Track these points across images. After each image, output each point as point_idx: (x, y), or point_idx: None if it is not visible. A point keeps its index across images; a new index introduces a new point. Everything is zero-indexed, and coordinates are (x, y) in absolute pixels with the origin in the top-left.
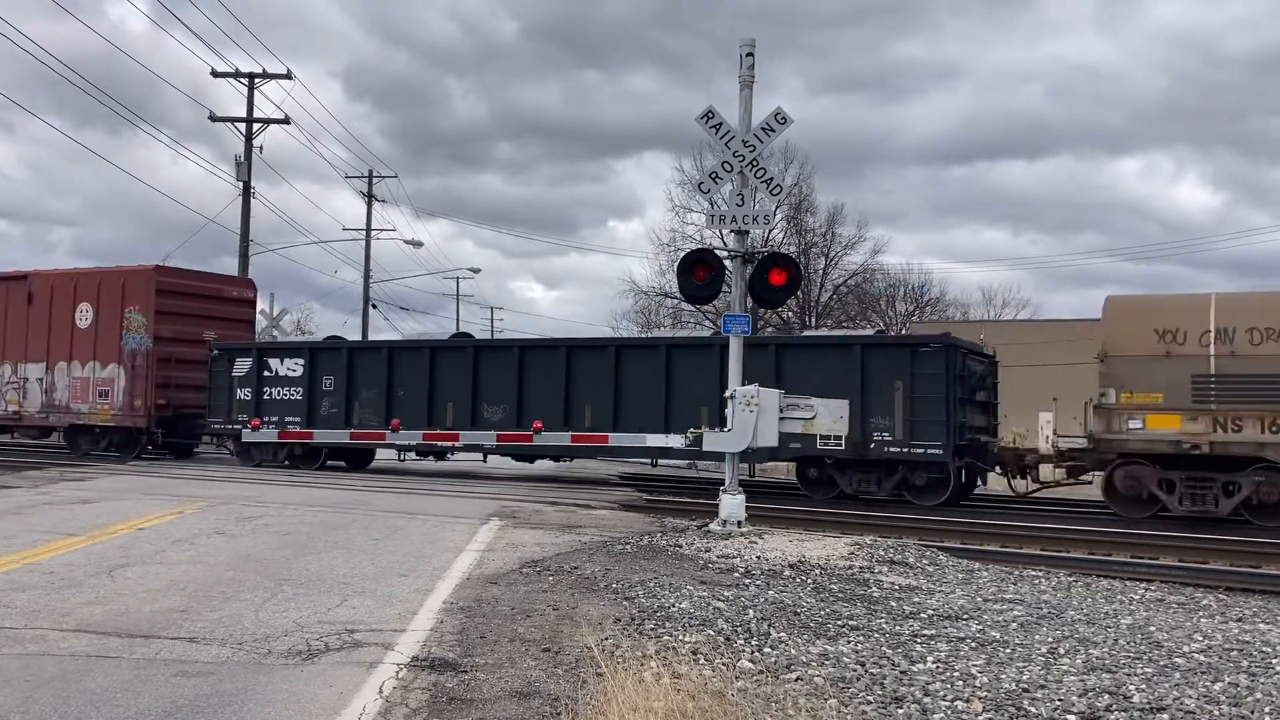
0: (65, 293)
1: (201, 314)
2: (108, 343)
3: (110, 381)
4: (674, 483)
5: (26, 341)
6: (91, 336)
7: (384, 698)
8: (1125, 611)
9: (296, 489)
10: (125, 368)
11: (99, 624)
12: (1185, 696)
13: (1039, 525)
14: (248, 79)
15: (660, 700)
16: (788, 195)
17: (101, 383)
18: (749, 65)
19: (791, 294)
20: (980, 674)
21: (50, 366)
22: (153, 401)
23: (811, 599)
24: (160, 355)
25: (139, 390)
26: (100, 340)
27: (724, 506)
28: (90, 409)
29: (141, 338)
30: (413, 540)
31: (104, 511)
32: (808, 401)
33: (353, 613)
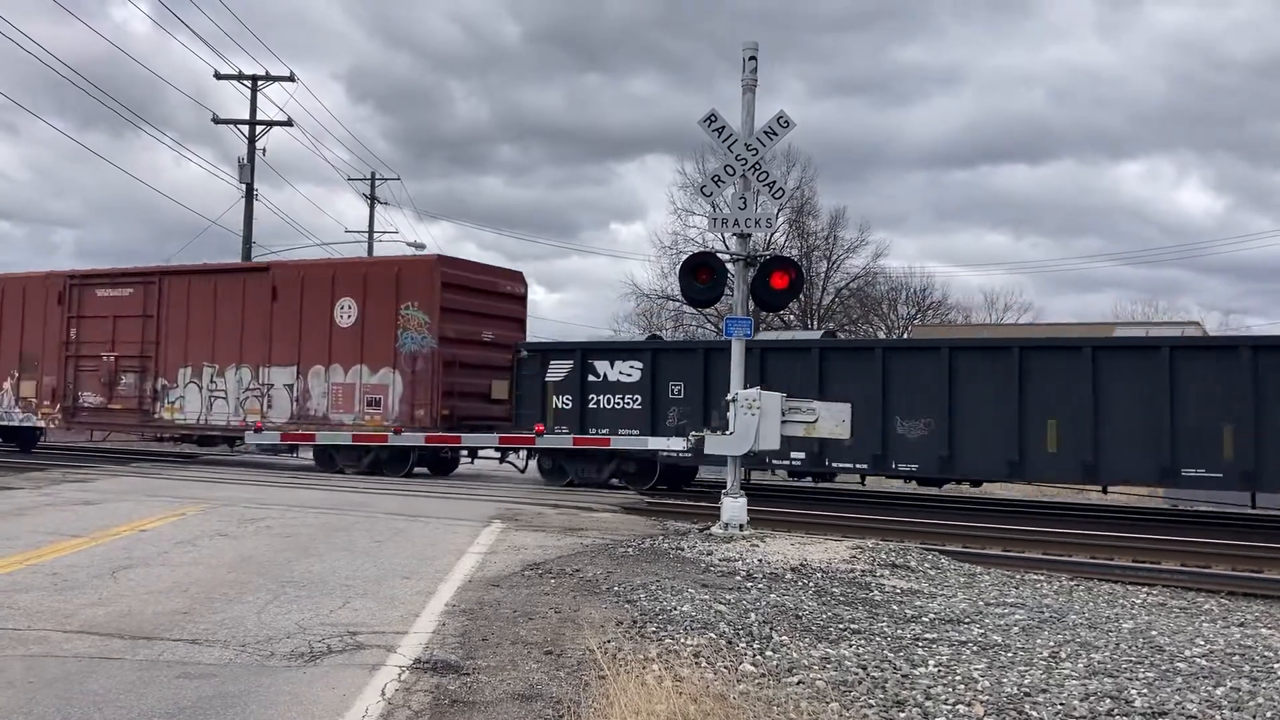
0: (320, 286)
1: (480, 311)
2: (379, 344)
3: (382, 388)
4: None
5: (270, 343)
6: (356, 336)
7: (386, 700)
8: (1127, 616)
9: (298, 490)
10: (402, 372)
11: (102, 625)
12: (1187, 701)
13: (1041, 529)
14: (250, 81)
15: (662, 703)
16: (790, 198)
17: (371, 390)
18: (751, 69)
19: (794, 297)
20: (982, 678)
21: (302, 371)
22: (438, 411)
23: (813, 602)
24: (445, 358)
25: (421, 398)
26: (368, 341)
27: (726, 510)
28: (356, 420)
29: (423, 338)
30: (415, 542)
31: (106, 513)
32: (810, 405)
33: (355, 615)
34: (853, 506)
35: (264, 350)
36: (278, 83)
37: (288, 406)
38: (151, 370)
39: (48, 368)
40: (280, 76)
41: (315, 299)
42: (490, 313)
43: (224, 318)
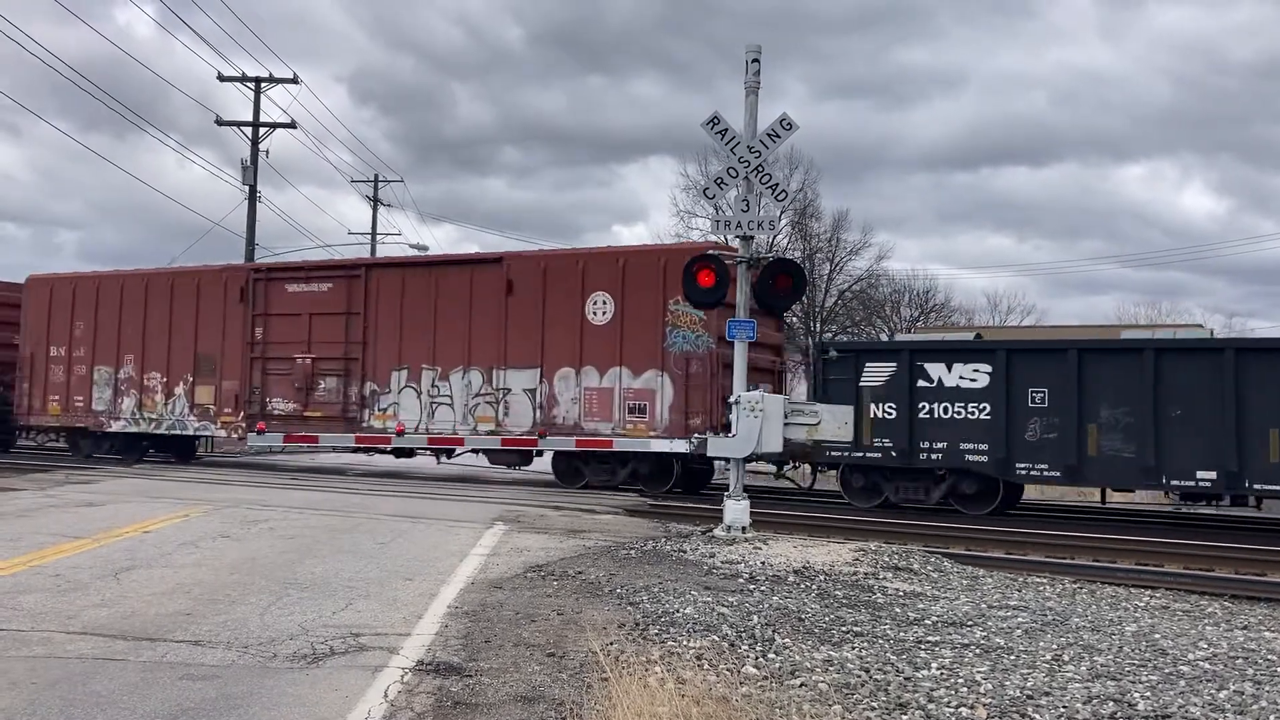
0: (566, 279)
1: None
2: (642, 344)
3: (648, 393)
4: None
5: (505, 342)
6: (613, 335)
7: (389, 702)
8: (1130, 619)
9: (300, 492)
10: (673, 375)
11: (105, 627)
12: (1190, 704)
13: (1043, 532)
14: (254, 83)
15: (665, 705)
16: (792, 201)
17: (634, 394)
18: (754, 71)
19: (797, 299)
20: (984, 681)
21: (546, 374)
22: (718, 419)
23: (816, 605)
24: (724, 359)
25: (696, 404)
26: (629, 340)
27: (728, 512)
28: (615, 428)
29: (697, 337)
30: (417, 544)
31: (110, 514)
32: (813, 407)
33: (358, 616)
34: (856, 509)
35: (498, 351)
36: (281, 85)
37: (529, 413)
38: (357, 373)
39: (228, 371)
40: (284, 79)
41: (561, 293)
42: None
43: (448, 315)
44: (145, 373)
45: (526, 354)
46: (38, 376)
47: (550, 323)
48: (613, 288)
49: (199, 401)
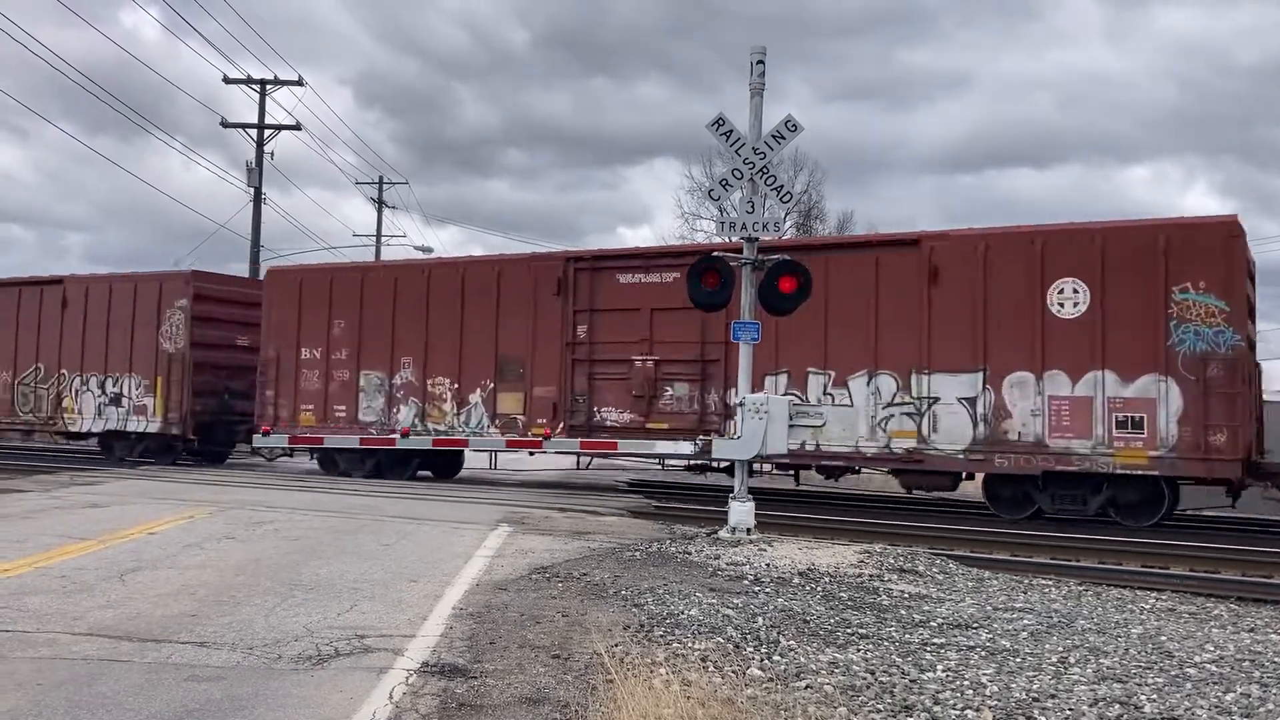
0: (1013, 262)
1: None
2: (1133, 342)
3: (1144, 403)
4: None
5: (928, 341)
6: (1089, 332)
7: (394, 703)
8: (1136, 621)
9: (305, 494)
10: (1181, 381)
11: (110, 628)
12: (1197, 707)
13: (1049, 534)
14: (259, 85)
15: (670, 707)
16: (797, 202)
17: (1124, 405)
18: (759, 73)
19: (802, 301)
20: (990, 683)
21: (991, 380)
22: (1247, 437)
23: (821, 607)
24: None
25: (1218, 417)
26: (1113, 338)
27: (733, 514)
28: (1095, 447)
29: (1218, 332)
30: (422, 546)
31: (114, 516)
32: (817, 409)
33: (363, 618)
34: (860, 511)
35: (917, 351)
36: (286, 87)
37: (966, 427)
38: (718, 378)
39: (541, 375)
40: (289, 81)
41: (1006, 280)
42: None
43: (840, 308)
44: (429, 378)
45: (959, 355)
46: (285, 383)
47: (994, 316)
48: (1085, 273)
49: (503, 411)
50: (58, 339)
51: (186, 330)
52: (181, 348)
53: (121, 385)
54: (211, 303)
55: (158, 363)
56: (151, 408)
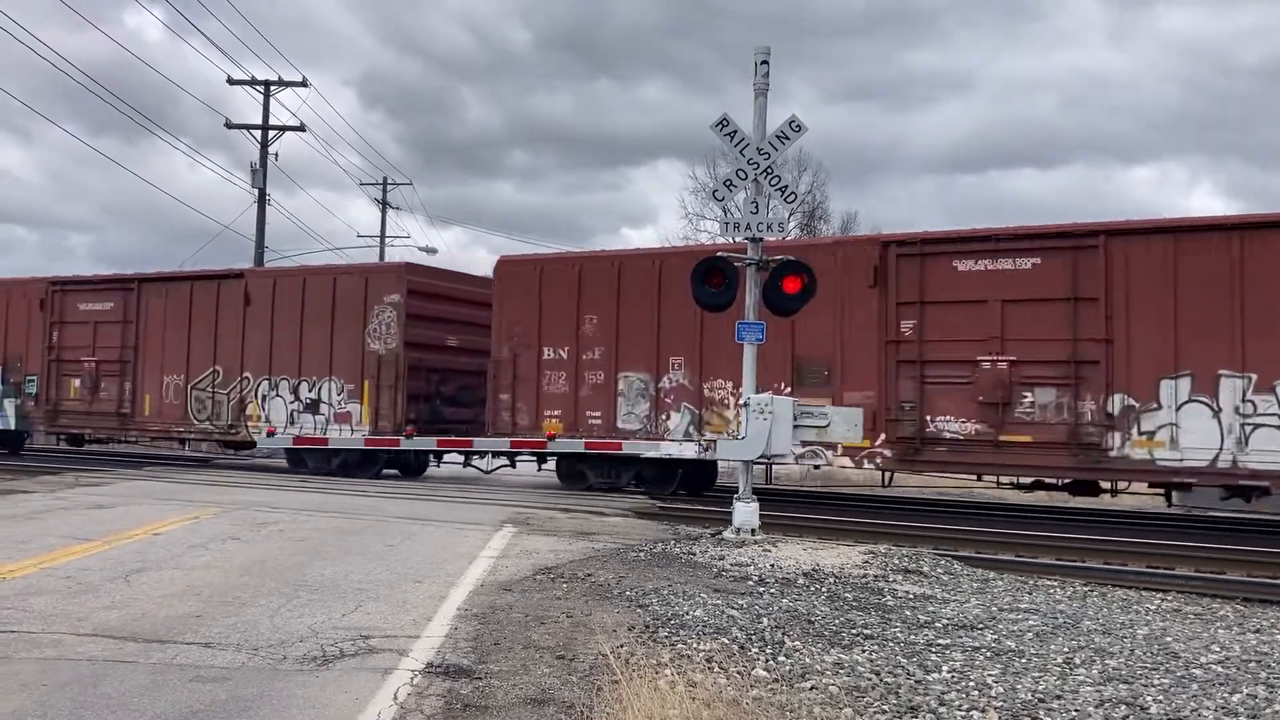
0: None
1: None
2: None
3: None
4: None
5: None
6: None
7: (399, 704)
8: (1141, 622)
9: (310, 495)
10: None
11: (115, 628)
12: (1203, 708)
13: (1054, 534)
14: (263, 86)
15: (675, 708)
16: (801, 203)
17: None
18: (763, 73)
19: (806, 301)
20: (996, 684)
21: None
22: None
23: (826, 607)
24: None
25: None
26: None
27: (737, 514)
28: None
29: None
30: (426, 546)
31: (119, 516)
32: (822, 410)
33: (367, 619)
34: (865, 511)
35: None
36: (290, 88)
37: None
38: (1096, 382)
39: (854, 378)
40: (293, 82)
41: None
42: None
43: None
44: (705, 380)
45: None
46: (525, 386)
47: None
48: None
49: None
50: (239, 339)
51: (399, 329)
52: (394, 348)
53: (320, 390)
54: (424, 298)
55: (364, 365)
56: (357, 415)
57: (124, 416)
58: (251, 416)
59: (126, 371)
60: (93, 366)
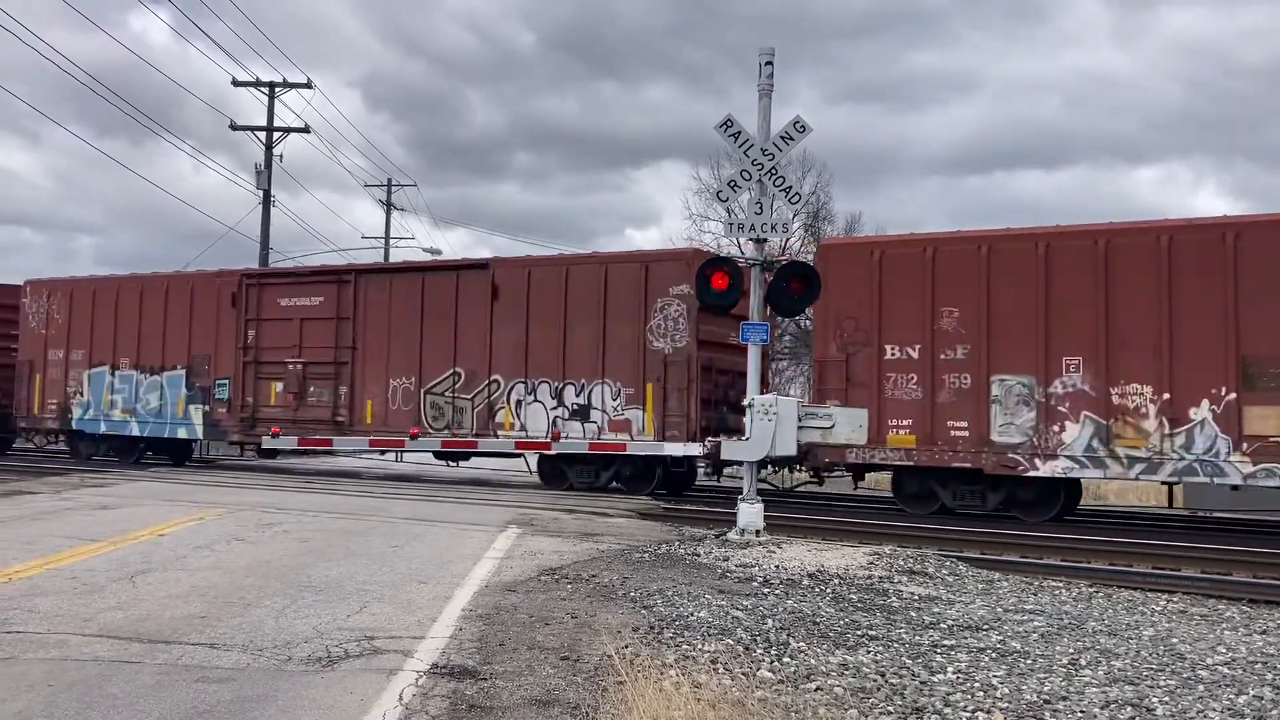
0: None
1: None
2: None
3: None
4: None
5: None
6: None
7: (404, 705)
8: (1147, 623)
9: (315, 495)
10: None
11: (121, 629)
12: (1209, 710)
13: (1059, 535)
14: (268, 88)
15: (680, 709)
16: (805, 204)
17: None
18: (768, 74)
19: (810, 302)
20: (1001, 685)
21: None
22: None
23: (830, 608)
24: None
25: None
26: None
27: (742, 515)
28: None
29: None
30: (431, 547)
31: (125, 517)
32: (826, 410)
33: (372, 619)
34: (869, 512)
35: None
36: (295, 90)
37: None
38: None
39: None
40: (297, 83)
41: None
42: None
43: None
44: (1114, 385)
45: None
46: (860, 391)
47: None
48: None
49: (1254, 431)
50: (485, 337)
51: (690, 325)
52: (683, 347)
53: (589, 394)
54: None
55: (645, 365)
56: (639, 422)
57: (339, 424)
58: (503, 424)
59: (342, 374)
60: (299, 369)
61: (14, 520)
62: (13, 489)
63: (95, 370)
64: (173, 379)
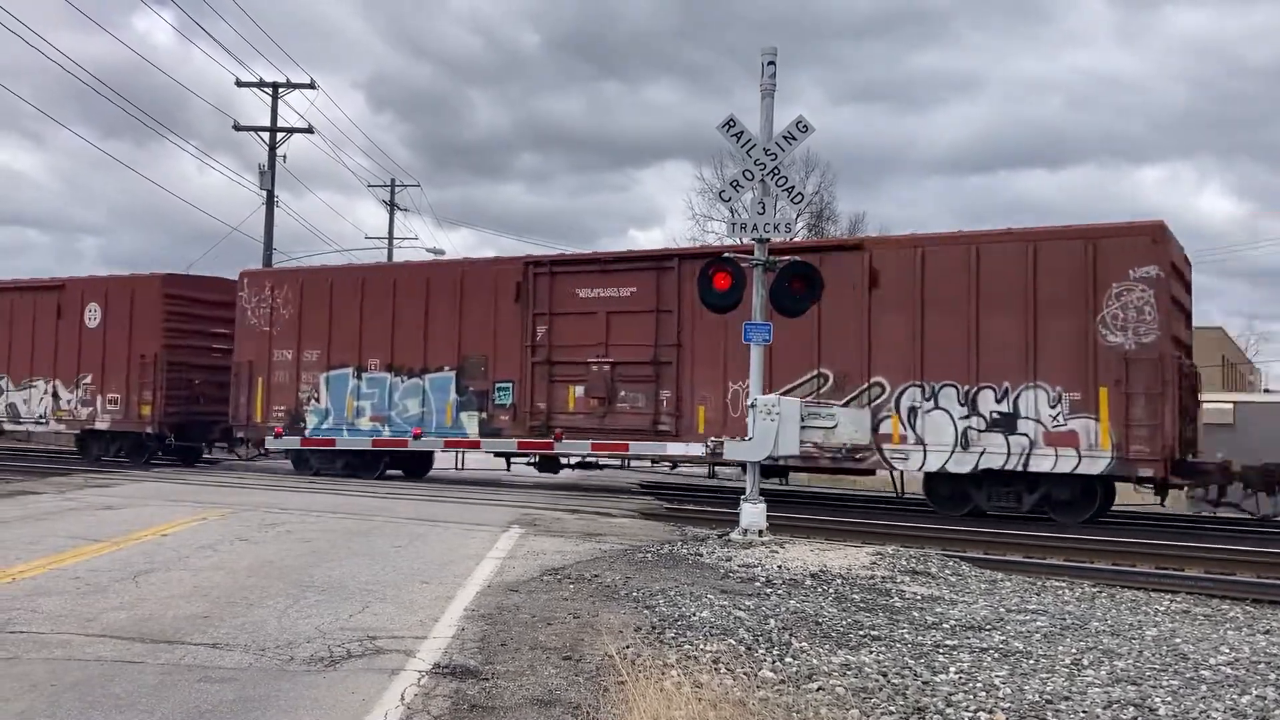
0: None
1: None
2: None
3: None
4: (694, 491)
5: None
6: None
7: (406, 705)
8: (1150, 623)
9: (319, 495)
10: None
11: (124, 629)
12: (1212, 710)
13: (1062, 535)
14: (272, 88)
15: (681, 709)
16: (809, 203)
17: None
18: (770, 74)
19: (813, 302)
20: (1003, 685)
21: None
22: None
23: (833, 608)
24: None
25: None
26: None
27: (745, 515)
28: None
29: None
30: (434, 547)
31: (128, 517)
32: (829, 410)
33: (375, 619)
34: (872, 512)
35: None
36: (298, 90)
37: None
38: None
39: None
40: (301, 84)
41: None
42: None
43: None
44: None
45: None
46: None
47: None
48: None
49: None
50: (861, 332)
51: (1160, 315)
52: (1151, 343)
53: (1017, 401)
54: (1176, 277)
55: (1096, 366)
56: (1090, 434)
57: (662, 433)
58: (890, 436)
59: (663, 376)
60: (605, 370)
61: (18, 520)
62: (17, 489)
63: (335, 372)
64: (438, 382)
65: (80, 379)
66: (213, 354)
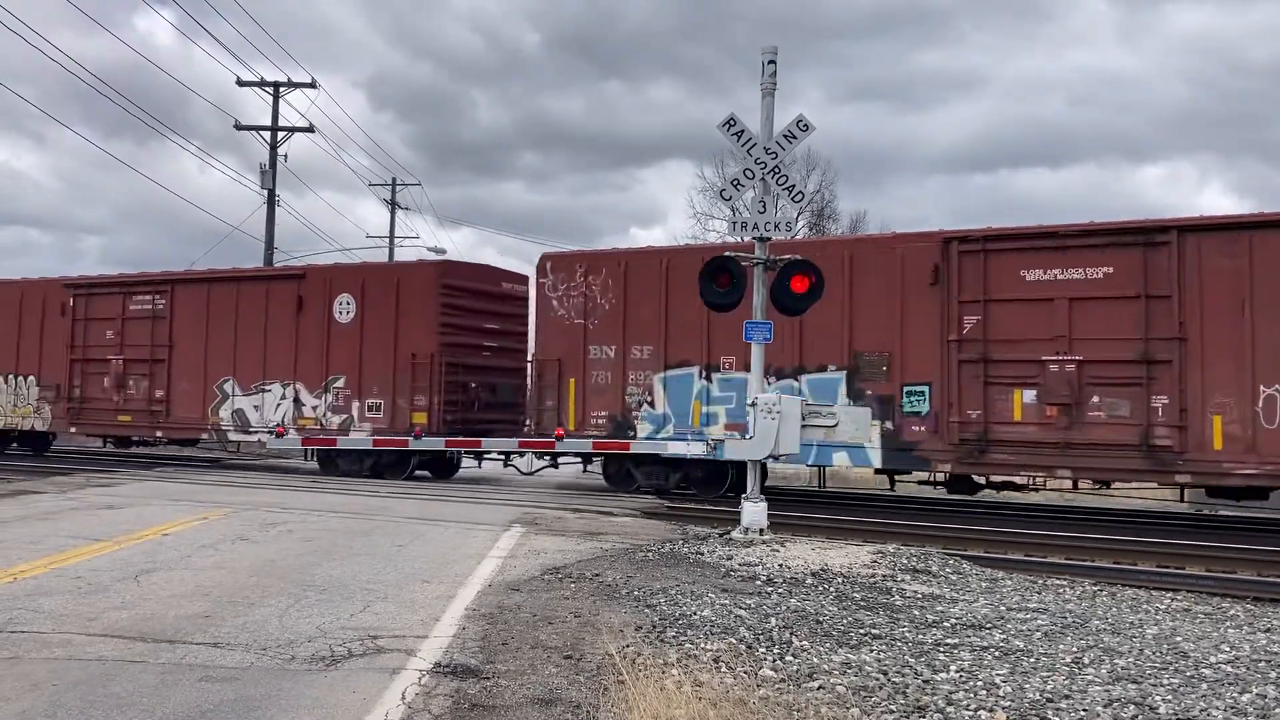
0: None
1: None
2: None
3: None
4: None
5: None
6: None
7: (407, 704)
8: (1151, 621)
9: (320, 495)
10: None
11: (125, 629)
12: (1212, 708)
13: (1064, 534)
14: (273, 88)
15: (682, 708)
16: (809, 202)
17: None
18: (771, 73)
19: (814, 301)
20: (1004, 683)
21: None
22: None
23: (834, 607)
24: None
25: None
26: None
27: (746, 514)
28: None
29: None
30: (435, 547)
31: (129, 517)
32: (830, 409)
33: (376, 619)
34: (874, 511)
35: None
36: (300, 89)
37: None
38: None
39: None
40: (302, 83)
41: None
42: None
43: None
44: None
45: None
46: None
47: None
48: None
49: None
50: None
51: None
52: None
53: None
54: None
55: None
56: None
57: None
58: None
59: (1157, 377)
60: (1065, 371)
61: (19, 520)
62: (18, 489)
63: (676, 373)
64: (820, 384)
65: (331, 382)
66: (482, 353)
